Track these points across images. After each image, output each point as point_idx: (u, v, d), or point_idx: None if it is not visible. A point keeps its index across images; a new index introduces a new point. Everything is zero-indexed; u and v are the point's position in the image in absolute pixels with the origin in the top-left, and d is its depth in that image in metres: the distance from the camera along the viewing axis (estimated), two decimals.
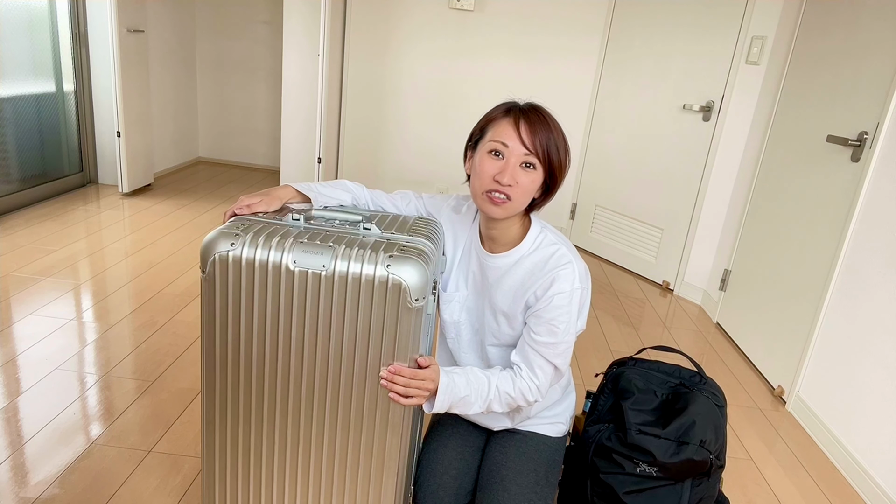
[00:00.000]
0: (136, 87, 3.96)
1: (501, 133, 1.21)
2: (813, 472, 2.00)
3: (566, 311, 1.23)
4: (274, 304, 1.09)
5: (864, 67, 2.20)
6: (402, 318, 1.08)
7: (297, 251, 1.06)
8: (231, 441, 1.20)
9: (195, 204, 4.06)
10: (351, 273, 1.05)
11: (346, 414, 1.15)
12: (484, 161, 1.23)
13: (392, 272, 1.05)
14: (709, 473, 1.44)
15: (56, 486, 1.57)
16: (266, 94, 5.10)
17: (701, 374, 1.59)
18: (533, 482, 1.38)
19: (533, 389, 1.26)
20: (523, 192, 1.21)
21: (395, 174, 4.22)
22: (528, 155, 1.20)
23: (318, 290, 1.07)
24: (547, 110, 1.25)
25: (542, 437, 1.45)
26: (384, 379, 1.12)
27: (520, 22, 3.82)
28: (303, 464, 1.19)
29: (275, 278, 1.07)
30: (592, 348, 2.65)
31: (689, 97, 3.28)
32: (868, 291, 2.02)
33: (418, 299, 1.07)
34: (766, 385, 2.52)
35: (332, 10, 3.62)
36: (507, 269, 1.29)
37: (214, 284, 1.09)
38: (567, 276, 1.23)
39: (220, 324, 1.12)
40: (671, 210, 3.42)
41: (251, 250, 1.07)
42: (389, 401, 1.13)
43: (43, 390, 1.95)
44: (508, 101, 1.27)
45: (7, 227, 3.27)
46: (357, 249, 1.07)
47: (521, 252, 1.29)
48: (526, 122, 1.20)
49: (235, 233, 1.08)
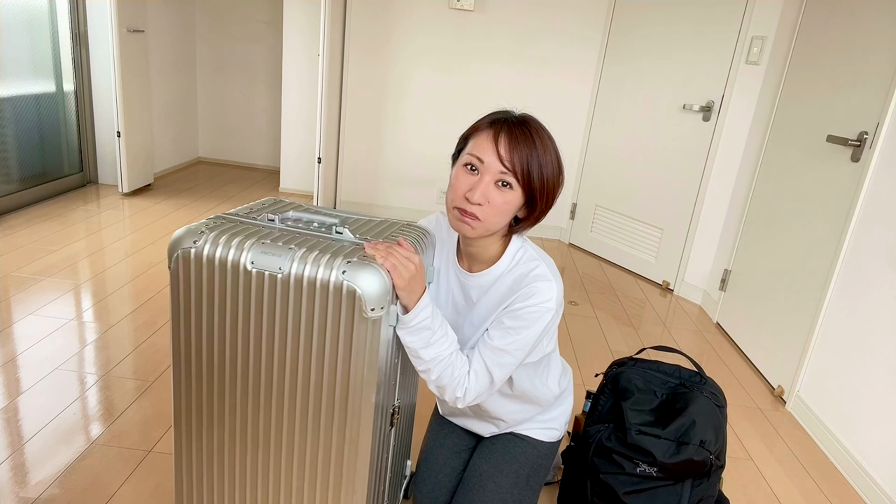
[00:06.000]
0: (136, 87, 3.96)
1: (479, 146, 1.11)
2: (813, 472, 2.00)
3: (528, 327, 1.15)
4: (233, 305, 1.07)
5: (864, 67, 2.20)
6: (357, 329, 1.02)
7: (255, 252, 1.03)
8: (196, 438, 1.19)
9: (195, 204, 4.06)
10: (307, 277, 1.01)
11: (304, 422, 1.11)
12: (458, 175, 1.14)
13: (347, 279, 0.99)
14: (709, 473, 1.44)
15: (56, 486, 1.57)
16: (266, 94, 5.10)
17: (701, 374, 1.59)
18: (512, 483, 1.38)
19: (460, 387, 1.15)
20: (496, 212, 1.11)
21: (395, 174, 4.22)
22: (504, 173, 1.09)
23: (275, 292, 1.04)
24: (539, 125, 1.14)
25: (532, 441, 1.44)
26: (369, 246, 1.04)
27: (520, 22, 3.82)
28: (262, 465, 1.17)
29: (234, 278, 1.05)
30: (592, 348, 2.65)
31: (689, 97, 3.28)
32: (868, 291, 2.02)
33: (374, 309, 1.01)
34: (766, 385, 2.52)
35: (332, 10, 3.62)
36: (487, 288, 1.23)
37: (179, 281, 1.08)
38: (545, 292, 1.15)
39: (184, 320, 1.11)
40: (671, 210, 3.42)
41: (212, 249, 1.05)
42: (348, 410, 1.07)
43: (43, 390, 1.94)
44: (500, 111, 1.17)
45: (7, 227, 3.27)
46: (316, 253, 1.02)
47: (500, 269, 1.21)
48: (507, 136, 1.10)
49: (201, 230, 1.07)
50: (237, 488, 1.20)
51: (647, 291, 3.42)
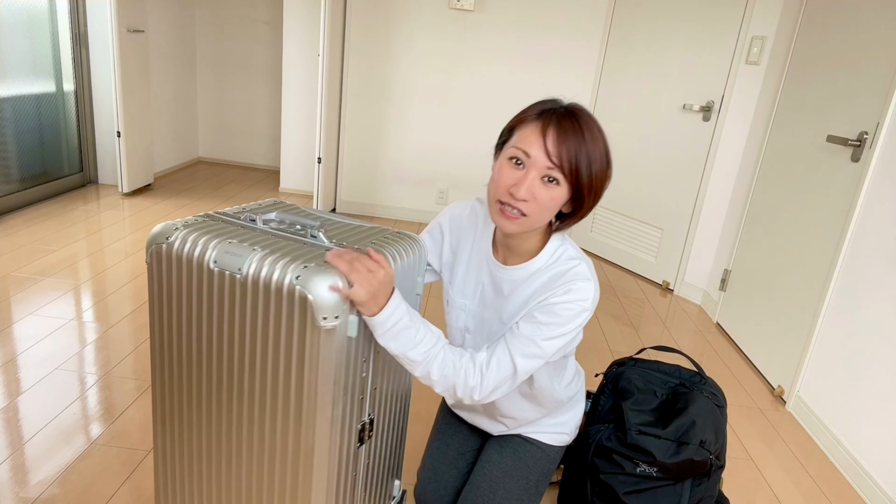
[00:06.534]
0: (136, 87, 3.96)
1: (526, 139, 1.05)
2: (813, 472, 2.00)
3: (561, 325, 1.10)
4: (198, 303, 1.06)
5: (864, 67, 2.20)
6: (310, 338, 0.97)
7: (219, 251, 1.02)
8: (168, 429, 1.20)
9: (195, 204, 4.06)
10: (262, 280, 0.98)
11: (261, 428, 1.08)
12: (503, 168, 1.08)
13: (300, 284, 0.94)
14: (709, 473, 1.44)
15: (56, 486, 1.57)
16: (266, 94, 5.10)
17: (701, 374, 1.59)
18: (522, 489, 1.37)
19: (475, 379, 1.08)
20: (541, 209, 1.06)
21: (395, 174, 4.22)
22: (551, 168, 1.04)
23: (234, 293, 1.02)
24: (589, 116, 1.08)
25: (541, 445, 1.42)
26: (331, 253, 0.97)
27: (519, 22, 3.82)
28: (225, 465, 1.15)
29: (198, 277, 1.04)
30: (592, 348, 2.65)
31: (689, 97, 3.28)
32: (868, 291, 2.02)
33: (327, 318, 0.95)
34: (766, 385, 2.52)
35: (332, 10, 3.62)
36: (521, 282, 1.17)
37: (153, 276, 1.09)
38: (583, 290, 1.10)
39: (157, 315, 1.12)
40: (671, 210, 3.42)
41: (181, 246, 1.05)
42: (302, 421, 1.03)
43: (43, 390, 1.94)
44: (548, 99, 1.11)
45: (7, 227, 3.27)
46: (277, 256, 0.99)
47: (537, 265, 1.16)
48: (556, 129, 1.04)
49: (176, 227, 1.07)
50: (204, 484, 1.20)
51: (647, 291, 3.42)
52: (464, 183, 4.17)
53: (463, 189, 4.19)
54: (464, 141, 4.09)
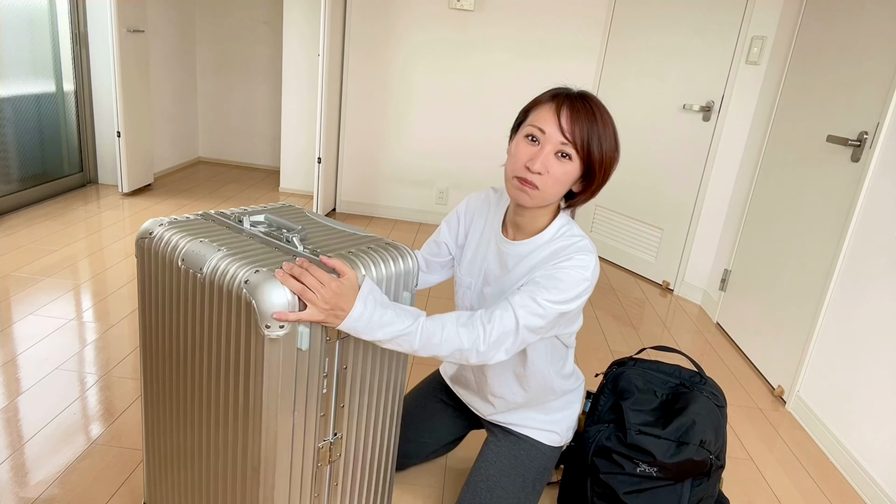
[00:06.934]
0: (136, 87, 3.96)
1: (541, 118, 1.15)
2: (813, 472, 2.00)
3: (561, 289, 1.12)
4: (170, 299, 1.08)
5: (864, 67, 2.20)
6: (255, 346, 0.93)
7: (187, 250, 1.02)
8: (152, 425, 1.22)
9: (195, 204, 4.06)
10: (217, 281, 0.96)
11: (216, 433, 1.07)
12: (519, 145, 1.17)
13: (247, 289, 0.91)
14: (709, 473, 1.44)
15: (56, 486, 1.57)
16: (266, 94, 5.10)
17: (701, 374, 1.59)
18: (519, 487, 1.40)
19: (478, 331, 1.09)
20: (554, 182, 1.14)
21: (396, 174, 4.22)
22: (564, 144, 1.13)
23: (196, 292, 1.01)
24: (599, 101, 1.17)
25: (536, 444, 1.45)
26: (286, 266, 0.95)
27: (519, 23, 3.82)
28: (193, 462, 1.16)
29: (170, 274, 1.06)
30: (592, 348, 2.65)
31: (689, 97, 3.28)
32: (868, 291, 2.02)
33: (270, 326, 0.91)
34: (766, 385, 2.52)
35: (332, 10, 3.62)
36: (525, 255, 1.25)
37: (139, 270, 1.13)
38: (584, 260, 1.16)
39: (142, 308, 1.15)
40: (671, 210, 3.42)
41: (158, 243, 1.07)
42: (248, 435, 1.00)
43: (43, 390, 1.94)
44: (561, 86, 1.20)
45: (7, 227, 3.27)
46: (237, 258, 0.97)
47: (542, 240, 1.24)
48: (569, 109, 1.13)
49: (161, 223, 1.11)
50: (179, 474, 1.21)
51: (647, 291, 3.42)
52: (464, 183, 4.17)
53: (463, 189, 4.19)
54: (464, 141, 4.09)
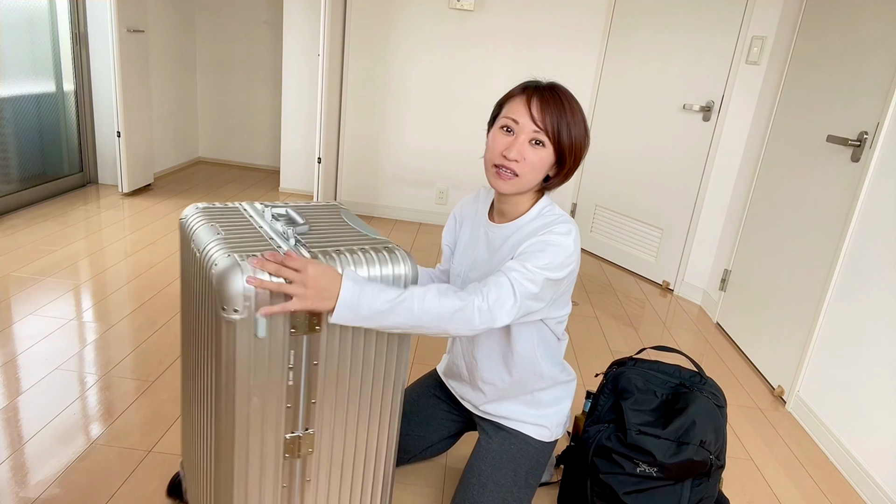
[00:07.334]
0: (136, 87, 3.96)
1: (513, 109, 1.24)
2: (813, 472, 2.00)
3: (547, 249, 1.19)
4: (189, 275, 1.17)
5: (865, 67, 2.20)
6: (217, 326, 0.98)
7: (197, 231, 1.11)
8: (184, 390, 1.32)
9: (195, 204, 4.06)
10: (204, 262, 1.03)
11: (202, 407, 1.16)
12: (495, 136, 1.27)
13: (215, 272, 0.96)
14: (709, 473, 1.44)
15: (56, 486, 1.57)
16: (266, 94, 5.09)
17: (701, 374, 1.59)
18: (511, 481, 1.41)
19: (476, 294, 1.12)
20: (531, 168, 1.23)
21: (396, 174, 4.22)
22: (537, 132, 1.22)
23: (197, 271, 1.09)
24: (567, 91, 1.27)
25: (527, 438, 1.46)
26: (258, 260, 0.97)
27: (520, 23, 3.82)
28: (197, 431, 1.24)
29: (188, 254, 1.15)
30: (592, 348, 2.65)
31: (689, 97, 3.28)
32: (868, 291, 2.02)
33: (226, 309, 0.94)
34: (766, 385, 2.52)
35: (332, 10, 3.62)
36: (511, 235, 1.33)
37: (180, 247, 1.22)
38: (565, 227, 1.23)
39: (182, 282, 1.25)
40: (671, 210, 3.42)
41: (185, 224, 1.18)
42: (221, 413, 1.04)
43: (43, 390, 1.94)
44: (530, 80, 1.29)
45: (7, 227, 3.27)
46: (224, 243, 1.03)
47: (525, 220, 1.32)
48: (539, 99, 1.22)
49: (197, 208, 1.21)
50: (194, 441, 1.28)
51: (647, 291, 3.42)
52: (464, 183, 4.17)
53: (463, 189, 4.18)
54: (464, 141, 4.09)
